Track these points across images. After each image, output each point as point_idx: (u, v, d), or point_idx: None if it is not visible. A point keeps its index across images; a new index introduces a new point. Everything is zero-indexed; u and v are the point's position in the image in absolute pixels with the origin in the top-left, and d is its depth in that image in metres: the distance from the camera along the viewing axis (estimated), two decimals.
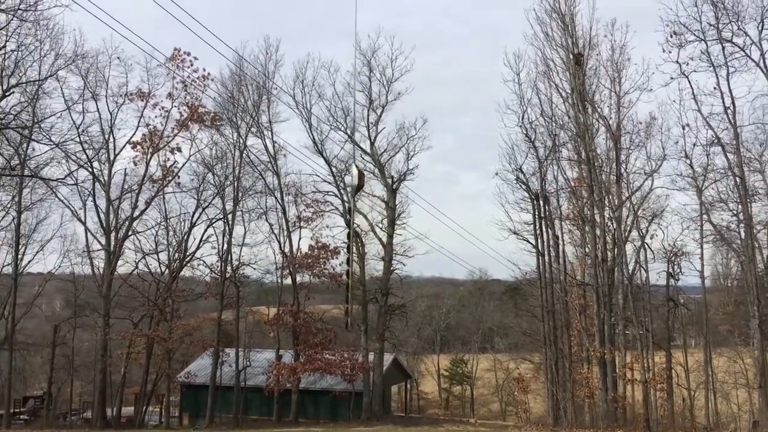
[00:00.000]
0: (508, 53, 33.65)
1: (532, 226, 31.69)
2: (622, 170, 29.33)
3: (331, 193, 41.11)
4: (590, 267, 29.75)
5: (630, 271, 31.08)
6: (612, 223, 28.71)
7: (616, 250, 29.10)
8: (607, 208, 28.83)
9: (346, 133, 40.67)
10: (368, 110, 40.46)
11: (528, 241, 32.03)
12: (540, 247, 31.45)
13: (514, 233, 31.66)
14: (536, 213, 31.38)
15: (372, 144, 40.85)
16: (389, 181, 40.85)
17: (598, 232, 28.93)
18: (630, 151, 29.42)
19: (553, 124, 30.61)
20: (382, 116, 40.68)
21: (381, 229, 40.81)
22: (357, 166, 16.85)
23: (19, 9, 25.07)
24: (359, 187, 17.41)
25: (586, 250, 31.05)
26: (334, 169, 40.72)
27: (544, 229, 31.26)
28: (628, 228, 29.98)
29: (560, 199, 33.16)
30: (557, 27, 30.81)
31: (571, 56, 30.36)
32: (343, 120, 40.50)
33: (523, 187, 31.60)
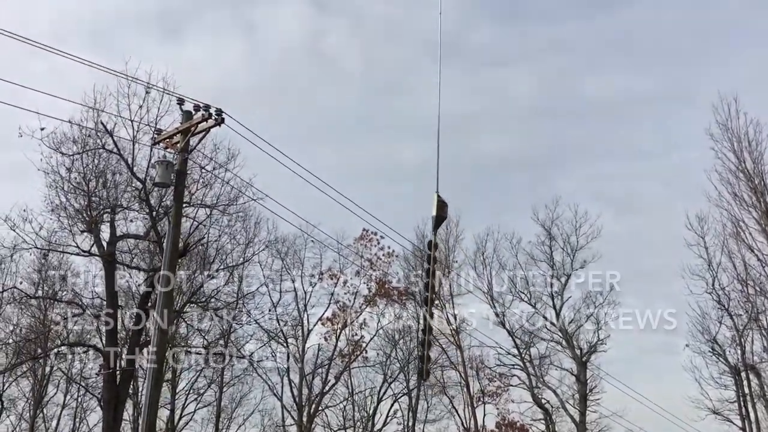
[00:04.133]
0: (690, 216, 31.56)
1: (735, 404, 28.01)
2: None
3: (516, 366, 39.84)
4: None
5: None
6: None
7: None
8: None
9: (529, 303, 39.87)
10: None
11: (732, 422, 28.18)
12: (748, 430, 27.48)
13: (714, 413, 28.07)
14: (739, 389, 27.80)
15: (557, 314, 39.52)
16: (578, 352, 38.81)
17: None
18: None
19: (752, 290, 27.76)
20: (567, 285, 39.65)
21: (572, 405, 38.34)
22: (439, 195, 15.12)
23: (219, 204, 28.74)
24: (440, 219, 15.14)
25: None
26: (518, 341, 39.70)
27: (750, 407, 27.45)
28: None
29: None
30: (745, 187, 28.85)
31: (766, 217, 28.01)
32: (525, 291, 39.95)
33: (721, 360, 28.40)
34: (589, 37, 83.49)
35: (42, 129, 23.96)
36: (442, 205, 15.03)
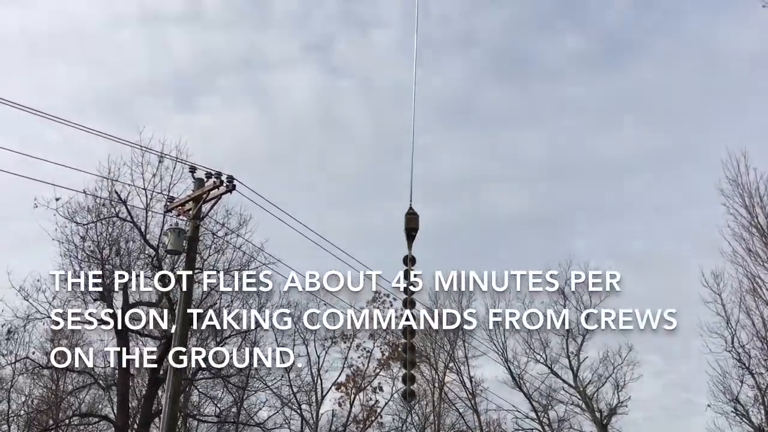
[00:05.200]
0: (705, 272, 31.03)
1: None
2: None
3: (535, 431, 38.99)
4: None
5: None
6: None
7: None
8: None
9: (545, 365, 39.24)
10: (566, 339, 39.05)
11: None
12: None
13: None
14: None
15: (575, 375, 38.81)
16: (598, 415, 37.96)
17: None
18: None
19: None
20: (582, 345, 39.05)
21: None
22: (411, 207, 14.11)
23: (231, 269, 28.89)
24: (411, 231, 13.96)
25: None
26: (535, 404, 38.96)
27: None
28: None
29: None
30: (759, 242, 28.58)
31: None
32: (541, 351, 39.38)
33: (745, 420, 27.64)
34: (598, 96, 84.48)
35: (57, 199, 24.41)
36: (411, 218, 14.20)
